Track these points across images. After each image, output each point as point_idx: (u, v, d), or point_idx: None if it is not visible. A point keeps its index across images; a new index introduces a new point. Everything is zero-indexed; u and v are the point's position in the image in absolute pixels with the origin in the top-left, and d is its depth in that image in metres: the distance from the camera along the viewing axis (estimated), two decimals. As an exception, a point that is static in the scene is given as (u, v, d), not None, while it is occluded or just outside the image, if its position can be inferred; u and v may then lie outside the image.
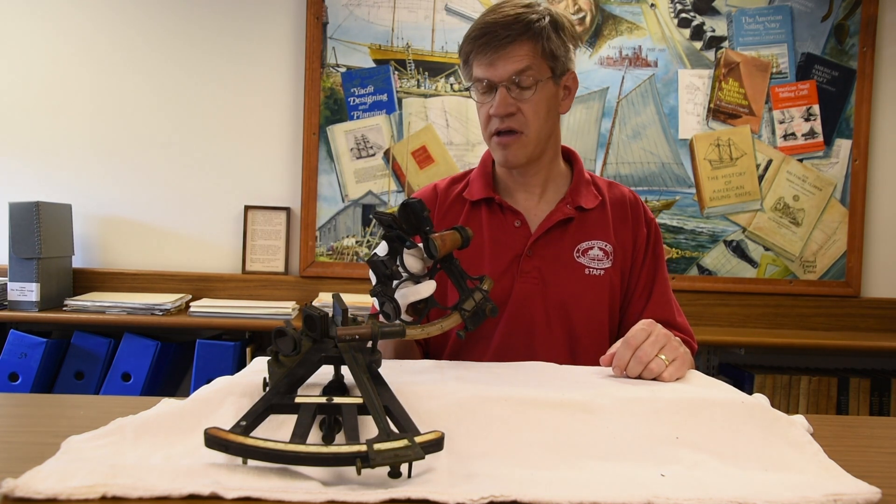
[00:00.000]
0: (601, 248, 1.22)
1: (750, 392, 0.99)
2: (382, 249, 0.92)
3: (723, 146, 2.52)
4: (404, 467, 0.57)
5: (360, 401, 0.65)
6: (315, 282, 2.47)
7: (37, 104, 2.45)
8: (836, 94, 2.52)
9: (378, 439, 0.57)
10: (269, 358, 0.71)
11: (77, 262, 2.44)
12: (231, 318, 2.16)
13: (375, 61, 2.49)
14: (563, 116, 1.26)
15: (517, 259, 1.21)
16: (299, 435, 0.60)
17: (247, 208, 2.48)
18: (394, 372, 0.83)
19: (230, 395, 0.73)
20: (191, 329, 2.27)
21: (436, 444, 0.59)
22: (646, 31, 2.51)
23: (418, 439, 0.58)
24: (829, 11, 2.50)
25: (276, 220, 2.49)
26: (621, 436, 0.70)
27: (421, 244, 0.91)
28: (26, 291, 2.13)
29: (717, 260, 2.53)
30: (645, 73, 2.51)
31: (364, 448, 0.56)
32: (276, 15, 2.49)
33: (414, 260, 0.91)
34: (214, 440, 0.58)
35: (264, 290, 2.45)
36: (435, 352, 1.26)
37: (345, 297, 1.91)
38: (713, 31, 2.51)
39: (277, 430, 0.66)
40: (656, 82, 2.51)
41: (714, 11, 2.51)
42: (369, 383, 0.65)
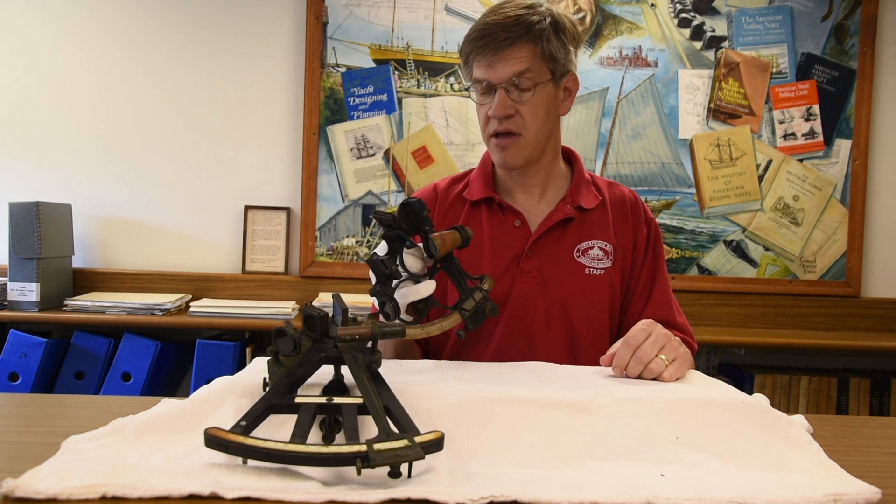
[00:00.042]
0: (601, 248, 1.22)
1: (750, 392, 0.98)
2: (382, 249, 0.92)
3: (723, 146, 2.52)
4: (404, 467, 0.57)
5: (360, 401, 0.65)
6: (315, 282, 2.47)
7: (37, 104, 2.45)
8: (836, 94, 2.52)
9: (378, 439, 0.57)
10: (269, 358, 0.71)
11: (77, 262, 2.44)
12: (231, 318, 2.16)
13: (375, 61, 2.49)
14: (563, 117, 1.26)
15: (517, 259, 1.21)
16: (299, 435, 0.60)
17: (247, 208, 2.48)
18: (394, 372, 0.83)
19: (230, 395, 0.73)
20: (191, 329, 2.27)
21: (436, 444, 0.59)
22: (646, 31, 2.51)
23: (418, 439, 0.58)
24: (829, 11, 2.50)
25: (276, 220, 2.49)
26: (621, 436, 0.70)
27: (421, 244, 0.91)
28: (26, 291, 2.14)
29: (717, 260, 2.53)
30: (645, 73, 2.51)
31: (364, 448, 0.56)
32: (276, 15, 2.49)
33: (414, 259, 0.91)
34: (214, 440, 0.58)
35: (264, 290, 2.46)
36: (435, 351, 1.26)
37: (345, 297, 1.91)
38: (713, 31, 2.51)
39: (277, 430, 0.66)
40: (656, 82, 2.51)
41: (714, 11, 2.51)
42: (369, 383, 0.65)
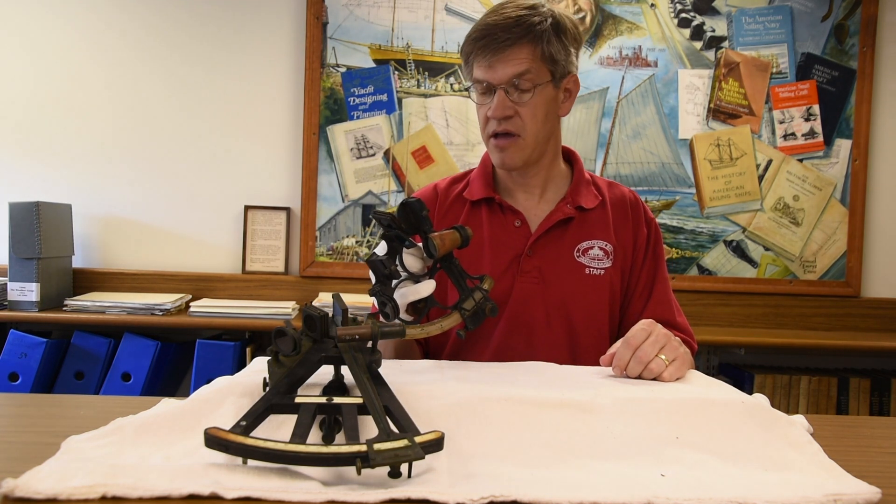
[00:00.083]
0: (601, 248, 1.22)
1: (750, 392, 0.99)
2: (382, 249, 0.92)
3: (723, 146, 2.52)
4: (404, 467, 0.57)
5: (360, 401, 0.65)
6: (315, 282, 2.47)
7: (37, 104, 2.45)
8: (836, 94, 2.51)
9: (378, 439, 0.57)
10: (269, 358, 0.71)
11: (77, 262, 2.44)
12: (231, 318, 2.16)
13: (375, 61, 2.49)
14: (564, 117, 1.26)
15: (517, 259, 1.21)
16: (299, 435, 0.60)
17: (247, 208, 2.48)
18: (394, 372, 0.83)
19: (230, 395, 0.73)
20: (191, 329, 2.27)
21: (436, 444, 0.59)
22: (646, 31, 2.51)
23: (418, 439, 0.58)
24: (829, 11, 2.50)
25: (276, 220, 2.49)
26: (621, 436, 0.70)
27: (420, 243, 0.91)
28: (26, 291, 2.13)
29: (717, 260, 2.53)
30: (645, 73, 2.51)
31: (364, 448, 0.56)
32: (277, 15, 2.49)
33: (413, 259, 0.91)
34: (214, 440, 0.58)
35: (264, 290, 2.45)
36: (435, 351, 1.26)
37: (345, 297, 1.91)
38: (713, 31, 2.51)
39: (277, 430, 0.66)
40: (656, 82, 2.51)
41: (714, 11, 2.51)
42: (369, 383, 0.65)
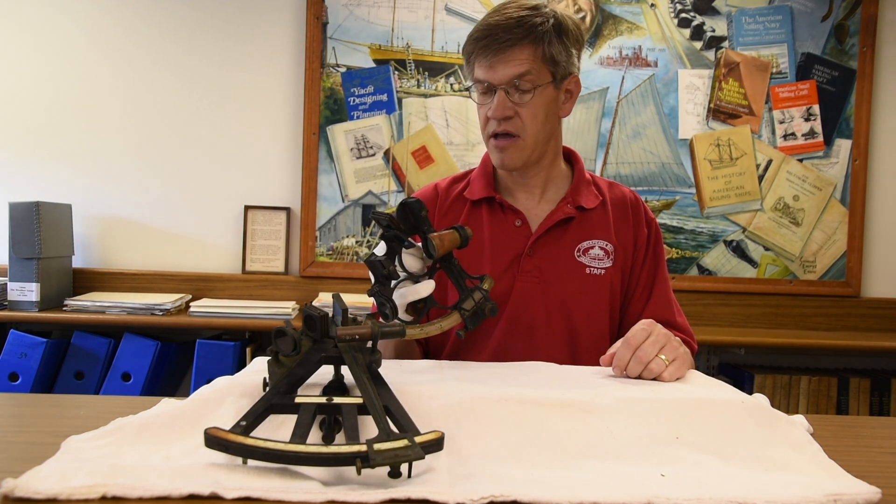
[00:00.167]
0: (602, 248, 1.22)
1: (750, 392, 0.99)
2: (381, 249, 0.92)
3: (723, 146, 2.52)
4: (404, 467, 0.57)
5: (360, 401, 0.65)
6: (315, 282, 2.47)
7: (37, 105, 2.45)
8: (836, 94, 2.51)
9: (378, 439, 0.57)
10: (269, 358, 0.71)
11: (77, 262, 2.44)
12: (231, 318, 2.16)
13: (375, 61, 2.49)
14: (564, 118, 1.26)
15: (518, 258, 1.21)
16: (299, 435, 0.60)
17: (247, 208, 2.48)
18: (394, 372, 0.83)
19: (230, 395, 0.73)
20: (191, 329, 2.27)
21: (436, 444, 0.59)
22: (646, 31, 2.51)
23: (418, 439, 0.58)
24: (829, 11, 2.50)
25: (276, 220, 2.49)
26: (621, 436, 0.70)
27: (420, 244, 0.91)
28: (26, 291, 2.13)
29: (717, 260, 2.53)
30: (645, 73, 2.51)
31: (364, 448, 0.56)
32: (276, 15, 2.49)
33: (413, 259, 0.91)
34: (214, 440, 0.58)
35: (264, 290, 2.45)
36: (434, 351, 1.26)
37: (345, 297, 1.91)
38: (713, 31, 2.51)
39: (277, 430, 0.66)
40: (656, 82, 2.51)
41: (714, 11, 2.51)
42: (369, 383, 0.65)
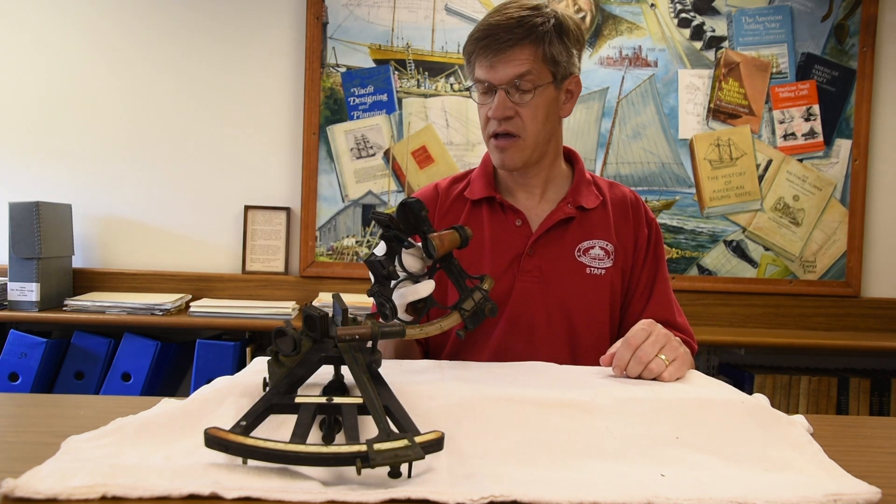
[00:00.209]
0: (602, 248, 1.22)
1: (750, 392, 0.98)
2: (381, 250, 0.92)
3: (723, 146, 2.52)
4: (404, 467, 0.57)
5: (360, 401, 0.65)
6: (315, 282, 2.47)
7: (37, 105, 2.45)
8: (836, 94, 2.51)
9: (378, 439, 0.57)
10: (269, 358, 0.71)
11: (77, 262, 2.44)
12: (231, 318, 2.16)
13: (375, 61, 2.49)
14: (565, 118, 1.26)
15: (518, 258, 1.21)
16: (299, 435, 0.60)
17: (247, 208, 2.48)
18: (394, 372, 0.83)
19: (230, 395, 0.73)
20: (191, 329, 2.27)
21: (436, 444, 0.59)
22: (646, 31, 2.51)
23: (418, 439, 0.58)
24: (829, 11, 2.50)
25: (276, 220, 2.49)
26: (621, 436, 0.70)
27: (420, 244, 0.91)
28: (26, 291, 2.13)
29: (717, 260, 2.53)
30: (645, 73, 2.51)
31: (364, 448, 0.56)
32: (276, 15, 2.49)
33: (413, 259, 0.91)
34: (214, 440, 0.58)
35: (264, 290, 2.45)
36: (434, 351, 1.26)
37: (345, 297, 1.91)
38: (713, 31, 2.51)
39: (277, 430, 0.66)
40: (656, 82, 2.51)
41: (714, 11, 2.51)
42: (369, 383, 0.65)
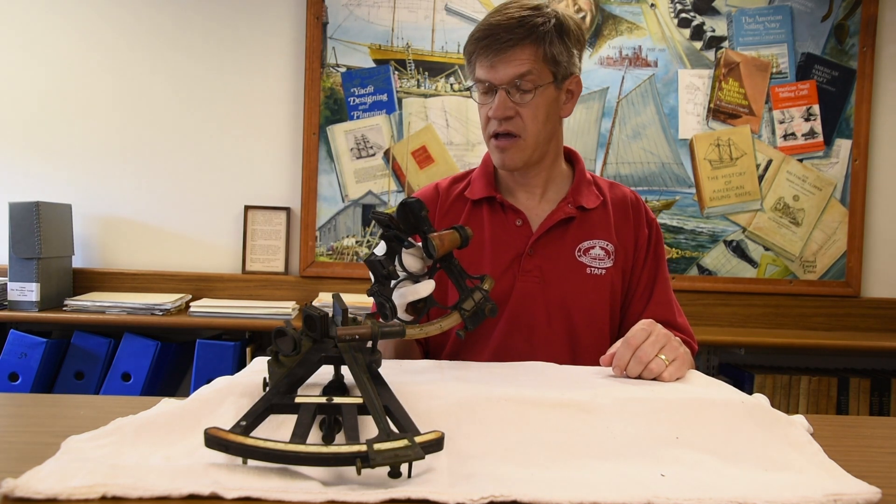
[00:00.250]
0: (603, 248, 1.22)
1: (750, 392, 0.98)
2: (381, 249, 0.92)
3: (723, 146, 2.52)
4: (404, 467, 0.57)
5: (360, 401, 0.65)
6: (315, 282, 2.47)
7: (37, 104, 2.45)
8: (836, 94, 2.51)
9: (378, 439, 0.57)
10: (269, 358, 0.71)
11: (77, 262, 2.44)
12: (231, 318, 2.16)
13: (375, 61, 2.49)
14: (565, 118, 1.26)
15: (518, 258, 1.21)
16: (299, 435, 0.60)
17: (247, 208, 2.48)
18: (394, 372, 0.83)
19: (230, 395, 0.73)
20: (191, 329, 2.27)
21: (436, 444, 0.59)
22: (646, 31, 2.51)
23: (418, 439, 0.58)
24: (829, 11, 2.50)
25: (276, 220, 2.49)
26: (621, 436, 0.70)
27: (420, 243, 0.91)
28: (26, 291, 2.13)
29: (717, 260, 2.53)
30: (645, 73, 2.51)
31: (364, 448, 0.56)
32: (276, 15, 2.49)
33: (413, 259, 0.91)
34: (214, 440, 0.57)
35: (264, 290, 2.45)
36: (435, 351, 1.26)
37: (345, 297, 1.91)
38: (713, 31, 2.51)
39: (277, 430, 0.66)
40: (656, 82, 2.51)
41: (714, 11, 2.51)
42: (369, 383, 0.65)
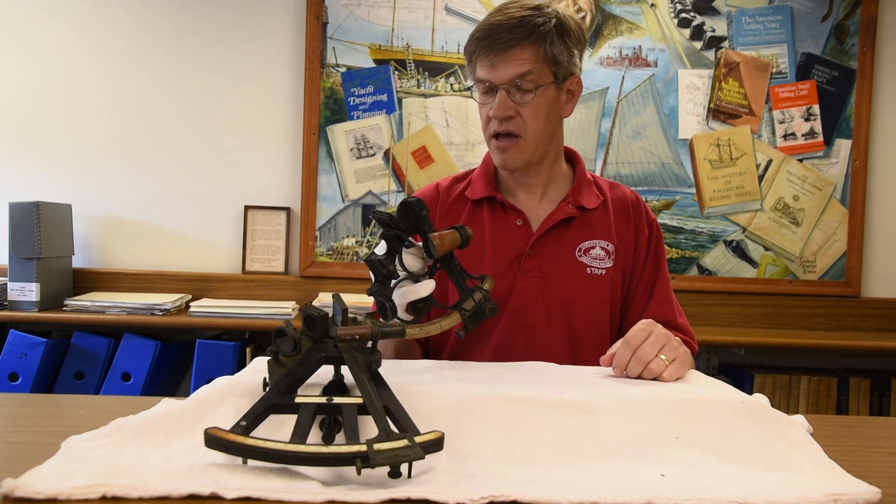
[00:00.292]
0: (603, 248, 1.22)
1: (750, 392, 0.98)
2: (381, 249, 0.92)
3: (723, 146, 2.52)
4: (404, 467, 0.57)
5: (360, 401, 0.65)
6: (315, 282, 2.47)
7: (37, 104, 2.45)
8: (836, 94, 2.51)
9: (378, 439, 0.57)
10: (269, 358, 0.71)
11: (77, 262, 2.44)
12: (231, 318, 2.16)
13: (375, 61, 2.49)
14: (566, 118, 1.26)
15: (519, 258, 1.21)
16: (299, 435, 0.60)
17: (247, 208, 2.48)
18: (394, 372, 0.83)
19: (230, 395, 0.73)
20: (191, 329, 2.27)
21: (436, 444, 0.59)
22: (646, 31, 2.51)
23: (418, 439, 0.58)
24: (829, 11, 2.50)
25: (276, 220, 2.49)
26: (621, 436, 0.70)
27: (420, 243, 0.91)
28: (26, 291, 2.13)
29: (717, 260, 2.53)
30: (645, 73, 2.51)
31: (364, 448, 0.56)
32: (276, 15, 2.49)
33: (413, 259, 0.91)
34: (214, 440, 0.57)
35: (264, 290, 2.45)
36: (435, 351, 1.26)
37: (345, 297, 1.90)
38: (713, 31, 2.51)
39: (277, 430, 0.66)
40: (656, 82, 2.51)
41: (714, 11, 2.51)
42: (369, 383, 0.65)
